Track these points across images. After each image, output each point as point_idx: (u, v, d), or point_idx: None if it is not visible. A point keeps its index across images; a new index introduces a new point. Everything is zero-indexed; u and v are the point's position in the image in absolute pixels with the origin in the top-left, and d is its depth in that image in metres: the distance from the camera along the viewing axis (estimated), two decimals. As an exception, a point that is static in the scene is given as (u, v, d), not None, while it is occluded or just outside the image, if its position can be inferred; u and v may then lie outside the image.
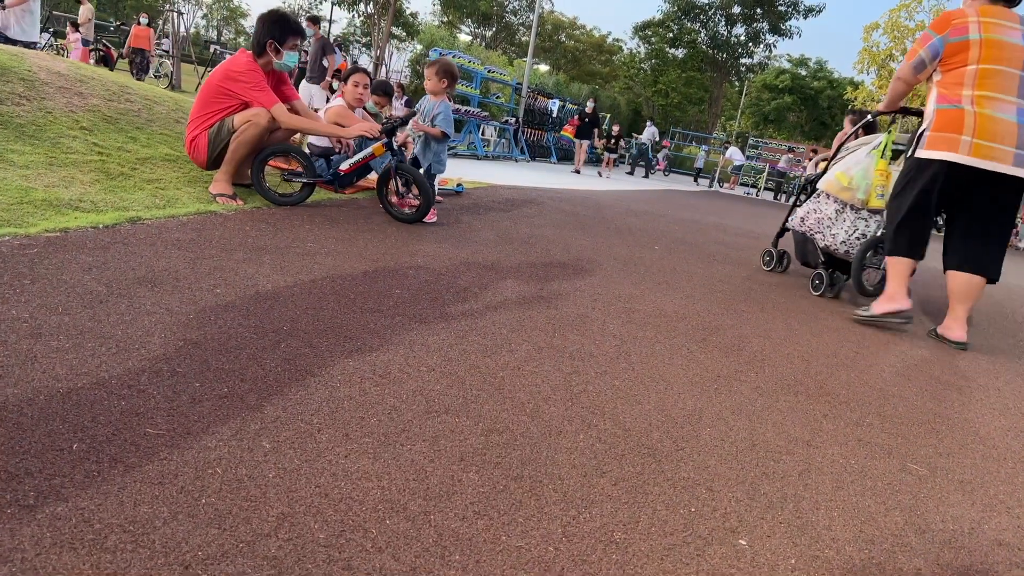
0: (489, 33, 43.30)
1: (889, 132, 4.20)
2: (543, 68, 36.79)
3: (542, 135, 19.22)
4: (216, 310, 2.16)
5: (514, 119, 17.56)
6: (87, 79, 4.63)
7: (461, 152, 14.50)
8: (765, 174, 23.83)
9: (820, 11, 34.04)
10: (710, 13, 35.01)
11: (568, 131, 17.42)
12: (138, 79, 14.50)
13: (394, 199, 4.25)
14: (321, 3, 39.29)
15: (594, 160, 19.88)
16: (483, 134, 16.72)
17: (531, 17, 25.76)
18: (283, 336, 2.05)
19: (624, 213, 7.21)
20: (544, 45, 43.00)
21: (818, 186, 4.44)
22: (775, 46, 36.05)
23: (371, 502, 1.32)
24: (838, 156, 4.57)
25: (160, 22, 23.23)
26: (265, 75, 3.96)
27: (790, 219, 4.80)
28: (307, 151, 4.28)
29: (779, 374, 2.53)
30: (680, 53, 36.62)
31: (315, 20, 11.45)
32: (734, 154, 23.87)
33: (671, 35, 36.28)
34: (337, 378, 1.84)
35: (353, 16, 38.46)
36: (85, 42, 14.79)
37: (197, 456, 1.37)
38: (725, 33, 35.48)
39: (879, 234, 4.08)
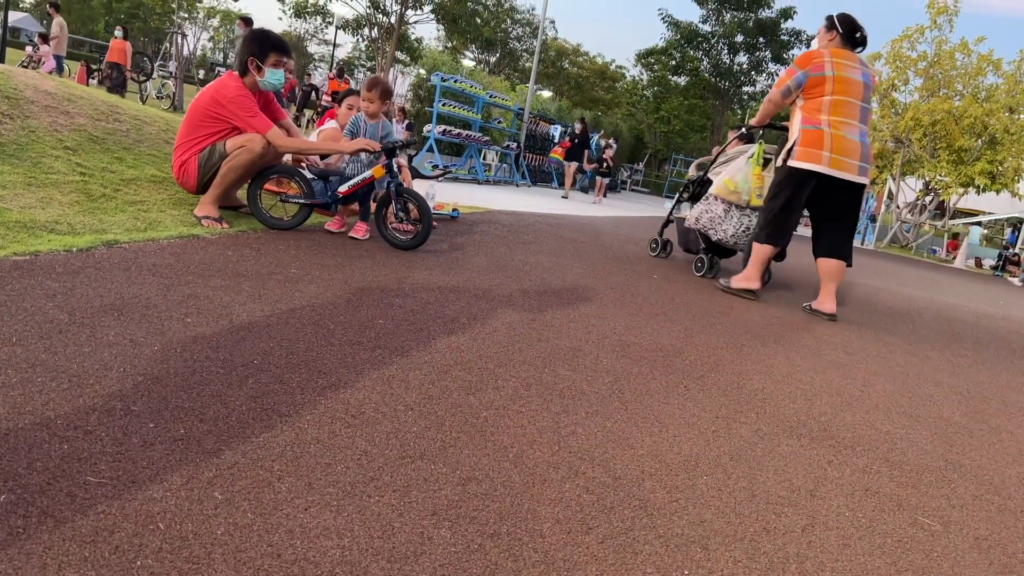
0: (493, 59, 43.52)
1: (760, 143, 5.09)
2: (546, 94, 36.93)
3: (544, 160, 19.20)
4: (184, 342, 2.04)
5: (515, 144, 17.53)
6: (76, 98, 4.54)
7: (462, 176, 14.45)
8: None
9: (822, 41, 34.08)
10: (712, 41, 35.10)
11: (558, 152, 16.85)
12: (119, 94, 14.40)
13: (392, 222, 4.14)
14: (327, 28, 39.56)
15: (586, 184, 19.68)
16: (484, 158, 16.69)
17: (535, 43, 25.77)
18: (252, 371, 1.93)
19: (623, 240, 7.10)
20: (547, 71, 43.26)
21: (710, 191, 5.25)
22: (777, 74, 36.10)
23: (328, 564, 1.19)
24: (717, 162, 5.53)
25: (166, 43, 23.31)
26: (253, 96, 3.86)
27: (673, 212, 5.94)
28: (306, 172, 4.17)
29: (781, 414, 2.40)
30: (682, 81, 36.67)
31: (246, 21, 12.51)
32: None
33: (674, 63, 36.32)
34: (306, 418, 1.71)
35: (358, 40, 38.69)
36: (57, 58, 14.68)
37: (139, 509, 1.24)
38: (727, 61, 35.55)
39: None
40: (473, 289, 3.39)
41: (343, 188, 4.02)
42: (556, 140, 20.05)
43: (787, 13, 33.49)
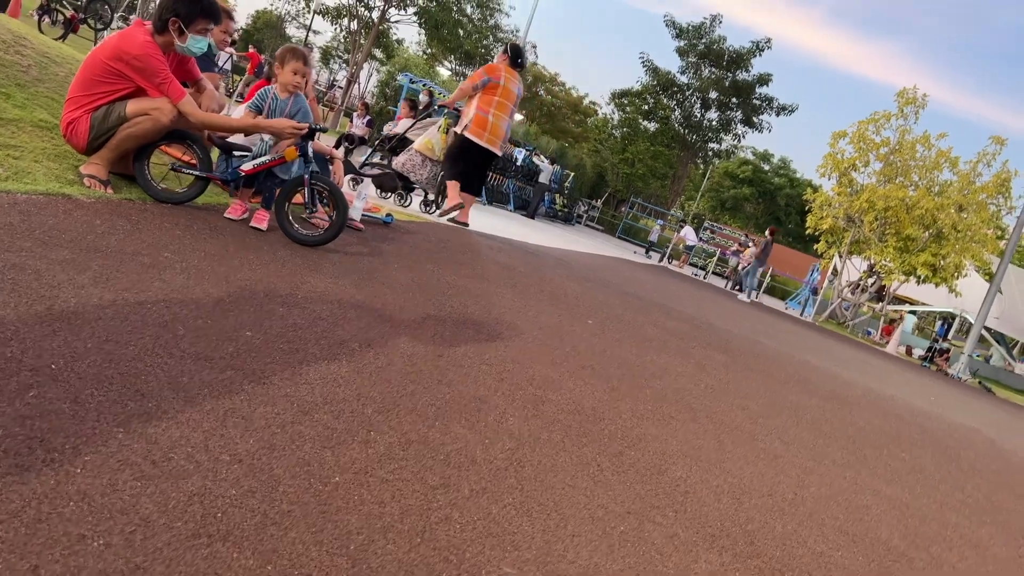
0: (470, 72, 43.19)
1: (445, 118, 7.50)
2: (516, 117, 36.75)
3: (502, 181, 18.87)
4: (-33, 326, 1.56)
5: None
6: (-25, 20, 3.99)
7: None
8: (716, 258, 23.97)
9: (793, 111, 34.67)
10: (687, 93, 35.45)
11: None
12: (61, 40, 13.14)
13: (302, 214, 3.68)
14: (307, 12, 38.70)
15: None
16: (442, 169, 16.23)
17: (513, 64, 25.79)
18: (43, 379, 1.47)
19: (565, 276, 6.75)
20: (521, 94, 43.18)
21: (412, 147, 7.41)
22: (744, 136, 36.66)
23: None
24: (416, 125, 7.81)
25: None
26: (165, 56, 3.36)
27: (393, 163, 7.73)
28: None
29: (703, 516, 2.03)
30: (652, 126, 36.88)
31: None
32: (688, 234, 23.96)
33: (646, 107, 36.56)
34: (84, 458, 1.26)
35: (336, 29, 38.00)
36: None
37: None
38: (698, 115, 35.91)
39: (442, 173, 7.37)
40: (380, 308, 2.96)
41: (247, 166, 3.54)
42: (518, 162, 19.79)
43: (764, 79, 34.10)
